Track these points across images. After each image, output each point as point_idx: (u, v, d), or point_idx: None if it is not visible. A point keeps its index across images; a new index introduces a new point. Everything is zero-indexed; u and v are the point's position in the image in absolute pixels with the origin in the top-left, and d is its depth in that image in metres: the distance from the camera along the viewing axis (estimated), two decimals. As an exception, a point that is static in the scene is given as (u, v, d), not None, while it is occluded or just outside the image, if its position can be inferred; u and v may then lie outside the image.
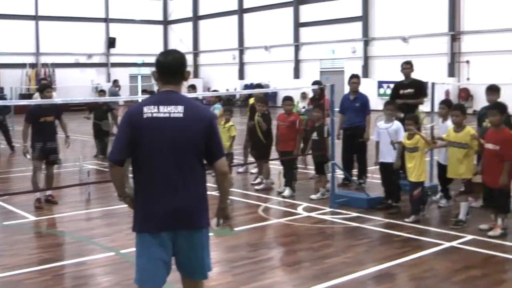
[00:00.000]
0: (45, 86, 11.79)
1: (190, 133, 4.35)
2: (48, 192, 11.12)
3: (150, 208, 4.36)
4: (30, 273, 7.23)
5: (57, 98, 16.14)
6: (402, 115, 10.58)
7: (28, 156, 10.91)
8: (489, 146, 8.49)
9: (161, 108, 4.34)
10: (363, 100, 12.27)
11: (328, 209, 10.17)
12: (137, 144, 4.33)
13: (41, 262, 7.67)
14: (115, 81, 28.61)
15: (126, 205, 4.67)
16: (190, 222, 4.41)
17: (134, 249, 4.53)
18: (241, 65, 46.78)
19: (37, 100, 12.94)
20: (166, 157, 4.33)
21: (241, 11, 46.24)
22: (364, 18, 37.79)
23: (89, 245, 8.52)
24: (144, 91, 17.31)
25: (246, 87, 42.13)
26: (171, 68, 4.48)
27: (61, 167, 15.18)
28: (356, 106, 12.16)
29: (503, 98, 10.05)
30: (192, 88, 17.08)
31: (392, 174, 10.07)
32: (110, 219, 9.95)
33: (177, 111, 4.35)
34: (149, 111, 4.33)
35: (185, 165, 4.38)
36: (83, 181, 12.44)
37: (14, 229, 9.47)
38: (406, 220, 9.24)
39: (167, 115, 4.33)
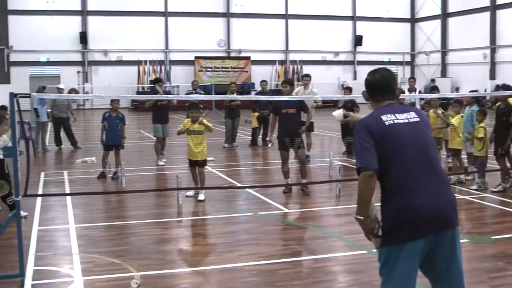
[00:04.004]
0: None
1: (429, 134, 4.51)
2: (303, 181, 11.77)
3: (418, 213, 4.21)
4: (284, 264, 7.46)
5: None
6: None
7: (270, 145, 11.63)
8: None
9: (398, 115, 4.42)
10: None
11: None
12: (385, 153, 4.27)
13: (294, 254, 7.91)
14: None
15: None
16: (453, 221, 4.34)
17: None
18: (493, 64, 44.47)
19: (298, 95, 13.53)
20: (420, 159, 4.32)
21: (493, 7, 43.91)
22: None
23: (339, 241, 8.59)
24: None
25: (497, 88, 39.98)
26: (380, 84, 4.61)
27: (309, 161, 15.59)
28: None
29: None
30: (436, 89, 16.65)
31: None
32: (359, 217, 9.94)
33: (412, 116, 4.46)
34: (389, 119, 4.39)
35: (437, 165, 4.41)
36: (333, 177, 12.61)
37: (268, 220, 9.88)
38: None
39: (406, 120, 4.41)
